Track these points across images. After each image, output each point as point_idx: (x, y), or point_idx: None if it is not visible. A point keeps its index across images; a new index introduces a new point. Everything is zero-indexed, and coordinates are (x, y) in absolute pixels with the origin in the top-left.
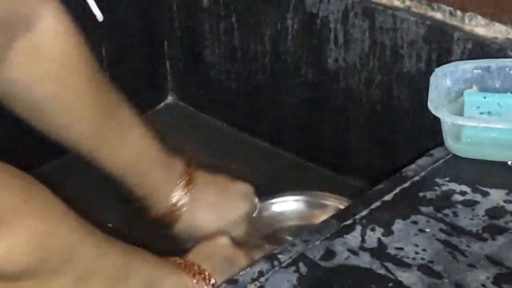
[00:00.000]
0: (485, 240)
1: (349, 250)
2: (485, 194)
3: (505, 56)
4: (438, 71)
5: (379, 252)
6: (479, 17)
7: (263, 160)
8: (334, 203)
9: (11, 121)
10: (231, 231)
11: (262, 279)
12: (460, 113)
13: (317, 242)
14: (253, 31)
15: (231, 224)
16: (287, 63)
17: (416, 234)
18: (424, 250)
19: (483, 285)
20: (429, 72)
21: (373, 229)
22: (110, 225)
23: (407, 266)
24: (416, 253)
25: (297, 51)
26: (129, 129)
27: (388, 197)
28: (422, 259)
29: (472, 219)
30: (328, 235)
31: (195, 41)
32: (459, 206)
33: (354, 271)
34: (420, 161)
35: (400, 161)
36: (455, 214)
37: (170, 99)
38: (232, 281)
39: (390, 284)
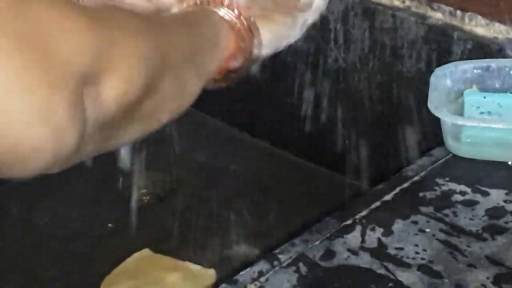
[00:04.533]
0: (485, 240)
1: (349, 250)
2: (485, 194)
3: (505, 56)
4: (438, 71)
5: (379, 252)
6: (479, 17)
7: (263, 160)
8: None
9: None
10: None
11: (262, 279)
12: (460, 113)
13: (317, 242)
14: None
15: None
16: (287, 63)
17: (416, 234)
18: (424, 250)
19: (483, 285)
20: (429, 72)
21: (373, 229)
22: (110, 225)
23: (407, 266)
24: (416, 253)
25: (297, 51)
26: None
27: (388, 197)
28: (422, 259)
29: (472, 219)
30: (328, 235)
31: None
32: (459, 206)
33: (354, 271)
34: (420, 161)
35: (400, 161)
36: (455, 214)
37: None
38: (232, 281)
39: (390, 284)
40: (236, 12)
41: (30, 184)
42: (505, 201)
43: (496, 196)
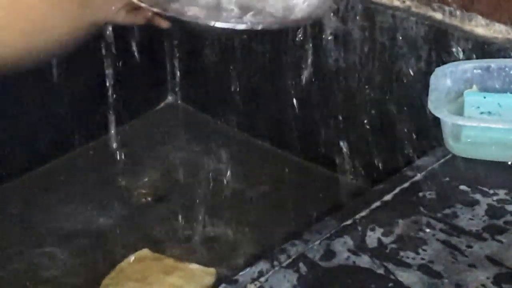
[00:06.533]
0: (485, 240)
1: (349, 250)
2: (485, 194)
3: (505, 56)
4: (438, 71)
5: (379, 252)
6: (479, 17)
7: (263, 160)
8: None
9: (12, 122)
10: None
11: (262, 279)
12: (460, 113)
13: (317, 242)
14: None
15: None
16: (287, 63)
17: (416, 234)
18: (424, 250)
19: (483, 285)
20: (429, 72)
21: (373, 229)
22: (110, 225)
23: (407, 266)
24: (416, 253)
25: (297, 51)
26: None
27: (388, 197)
28: (422, 259)
29: (472, 219)
30: (328, 235)
31: (195, 41)
32: (459, 206)
33: (354, 271)
34: (420, 161)
35: (400, 161)
36: (455, 214)
37: (170, 99)
38: (232, 281)
39: (390, 284)
40: None
41: (30, 184)
42: (505, 201)
43: (496, 196)
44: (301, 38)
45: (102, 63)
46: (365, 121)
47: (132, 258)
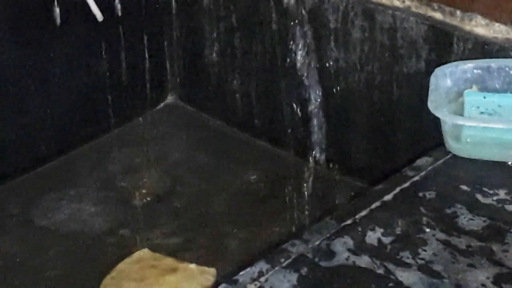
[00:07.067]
0: (485, 240)
1: (349, 250)
2: (485, 194)
3: (505, 56)
4: (438, 71)
5: (379, 252)
6: (479, 17)
7: (263, 160)
8: None
9: (12, 122)
10: None
11: (262, 279)
12: (460, 113)
13: (317, 242)
14: (253, 31)
15: None
16: (287, 63)
17: (416, 234)
18: (424, 250)
19: (483, 285)
20: (429, 72)
21: (373, 229)
22: (110, 225)
23: (407, 266)
24: (416, 253)
25: (297, 51)
26: None
27: (388, 197)
28: (422, 259)
29: (472, 219)
30: (328, 235)
31: (195, 41)
32: (459, 206)
33: (354, 271)
34: (420, 161)
35: (400, 161)
36: (455, 214)
37: (170, 99)
38: (232, 281)
39: (390, 284)
40: None
41: (30, 184)
42: (505, 201)
43: (496, 196)
44: (301, 38)
45: (102, 63)
46: (365, 121)
47: (132, 258)
